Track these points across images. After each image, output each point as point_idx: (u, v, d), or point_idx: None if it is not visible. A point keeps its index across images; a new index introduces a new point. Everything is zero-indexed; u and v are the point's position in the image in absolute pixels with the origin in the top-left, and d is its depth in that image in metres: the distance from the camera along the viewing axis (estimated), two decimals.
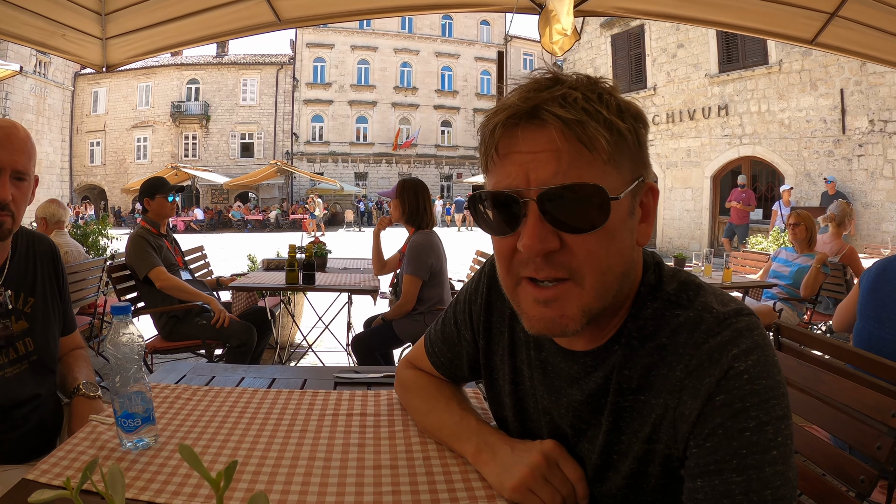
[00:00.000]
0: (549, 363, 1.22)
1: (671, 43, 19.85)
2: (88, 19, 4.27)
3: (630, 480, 1.09)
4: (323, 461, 1.35)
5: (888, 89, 13.83)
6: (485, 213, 1.06)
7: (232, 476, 0.70)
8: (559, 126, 0.94)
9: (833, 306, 6.28)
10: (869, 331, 2.93)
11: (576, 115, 0.94)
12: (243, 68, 45.74)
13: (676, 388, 1.00)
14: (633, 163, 1.02)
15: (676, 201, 20.10)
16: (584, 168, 0.96)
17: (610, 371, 1.10)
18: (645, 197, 1.07)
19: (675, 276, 1.12)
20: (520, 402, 1.31)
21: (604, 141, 0.94)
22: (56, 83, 34.38)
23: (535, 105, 0.96)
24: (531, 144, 0.97)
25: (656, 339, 1.05)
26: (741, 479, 0.90)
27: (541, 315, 1.03)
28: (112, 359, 1.37)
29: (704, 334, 0.99)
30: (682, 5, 4.62)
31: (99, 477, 1.16)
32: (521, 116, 0.97)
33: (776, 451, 0.91)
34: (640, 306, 1.09)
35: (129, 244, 4.53)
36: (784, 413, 0.94)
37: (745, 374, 0.94)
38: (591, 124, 0.94)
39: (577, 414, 1.16)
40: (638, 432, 1.07)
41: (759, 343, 0.97)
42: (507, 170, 1.00)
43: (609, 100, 0.98)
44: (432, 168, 48.60)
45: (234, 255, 16.53)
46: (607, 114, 0.95)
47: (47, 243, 2.17)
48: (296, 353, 6.55)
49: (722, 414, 0.93)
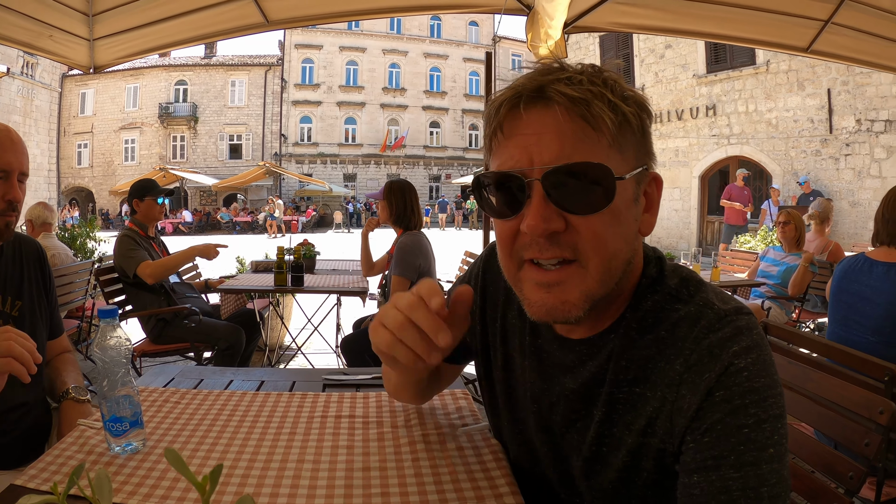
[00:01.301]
0: (545, 350, 1.21)
1: (659, 43, 19.90)
2: (75, 20, 4.24)
3: (622, 474, 1.08)
4: (312, 464, 1.35)
5: (875, 89, 13.92)
6: (488, 196, 1.06)
7: (217, 479, 0.70)
8: (564, 103, 0.95)
9: (821, 304, 6.32)
10: (838, 334, 2.97)
11: (581, 94, 0.95)
12: (231, 69, 45.59)
13: (675, 382, 1.00)
14: (638, 149, 1.03)
15: (665, 201, 19.98)
16: (589, 149, 0.96)
17: (605, 361, 1.09)
18: (649, 186, 1.08)
19: (677, 271, 1.12)
20: (510, 391, 1.31)
21: (608, 121, 0.95)
22: (43, 84, 34.12)
23: (541, 84, 0.97)
24: (536, 125, 0.98)
25: (655, 332, 1.05)
26: (738, 475, 0.89)
27: (542, 301, 1.03)
28: (100, 362, 1.37)
29: (705, 330, 0.99)
30: (675, 19, 4.63)
31: (86, 482, 1.15)
32: (527, 95, 0.98)
33: (773, 448, 0.91)
34: (641, 298, 1.09)
35: (116, 245, 4.53)
36: (781, 412, 0.94)
37: (744, 371, 0.94)
38: (596, 103, 0.95)
39: (569, 404, 1.15)
40: (631, 425, 1.06)
41: (758, 342, 0.98)
42: (511, 151, 1.00)
43: (614, 85, 0.98)
44: (421, 169, 48.52)
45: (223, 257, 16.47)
46: (612, 96, 0.96)
47: (34, 246, 2.16)
48: (285, 355, 6.54)
49: (721, 410, 0.93)
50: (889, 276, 2.76)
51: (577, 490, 1.17)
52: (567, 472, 1.19)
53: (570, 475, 1.18)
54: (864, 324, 2.81)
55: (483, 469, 1.33)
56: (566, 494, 1.20)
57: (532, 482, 1.29)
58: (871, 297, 2.80)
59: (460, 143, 49.63)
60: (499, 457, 1.39)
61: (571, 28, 4.46)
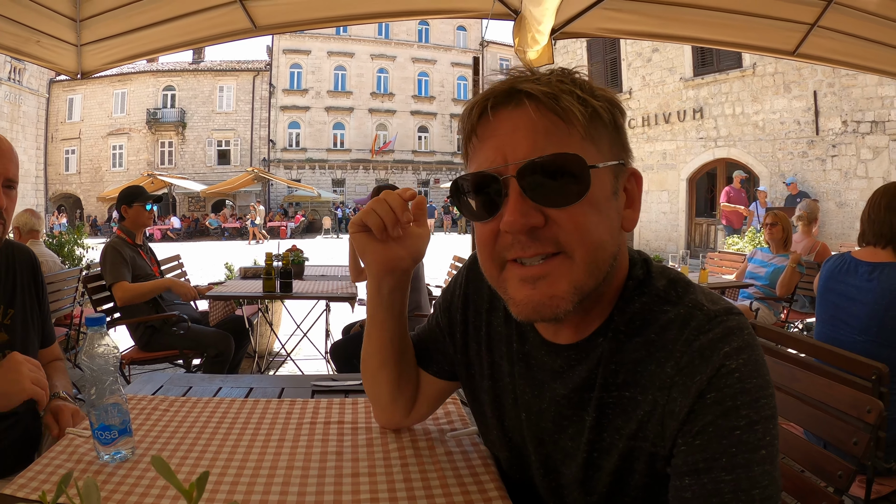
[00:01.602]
0: (533, 356, 1.20)
1: (646, 47, 19.97)
2: (63, 25, 4.23)
3: (615, 479, 1.08)
4: (301, 470, 1.34)
5: (860, 90, 14.02)
6: (466, 200, 1.06)
7: (204, 487, 0.70)
8: (534, 100, 0.97)
9: (809, 304, 6.36)
10: (826, 333, 2.98)
11: (549, 89, 0.96)
12: (219, 75, 45.51)
13: (666, 384, 0.99)
14: (612, 143, 1.03)
15: (653, 204, 20.22)
16: (562, 141, 0.97)
17: (595, 365, 1.09)
18: (628, 182, 1.08)
19: (664, 272, 1.11)
20: (497, 399, 1.29)
21: (578, 113, 0.96)
22: (31, 90, 33.94)
23: (511, 86, 0.99)
24: (508, 124, 0.99)
25: (644, 335, 1.05)
26: (730, 477, 0.89)
27: (528, 298, 1.02)
28: (87, 370, 1.36)
29: (695, 331, 0.99)
30: (662, 24, 4.64)
31: (75, 491, 1.15)
32: (499, 97, 1.00)
33: (765, 450, 0.90)
34: (628, 300, 1.08)
35: (102, 254, 4.51)
36: (772, 413, 0.94)
37: (736, 372, 0.93)
38: (565, 97, 0.96)
39: (560, 409, 1.14)
40: (622, 429, 1.05)
41: (750, 342, 0.97)
42: (486, 153, 1.01)
43: (583, 83, 1.00)
44: (409, 174, 48.54)
45: (211, 263, 16.42)
46: (580, 92, 0.98)
47: (27, 253, 2.14)
48: (274, 361, 6.51)
49: (712, 412, 0.93)
50: (874, 277, 2.77)
51: (569, 496, 1.17)
52: (559, 478, 1.18)
53: (563, 481, 1.17)
54: (851, 323, 2.82)
55: (472, 474, 1.33)
56: (556, 501, 1.20)
57: (521, 488, 1.28)
58: (856, 297, 2.82)
59: (449, 148, 49.65)
60: (488, 462, 1.39)
61: (559, 34, 4.47)
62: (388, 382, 1.46)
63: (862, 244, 2.97)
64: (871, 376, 2.04)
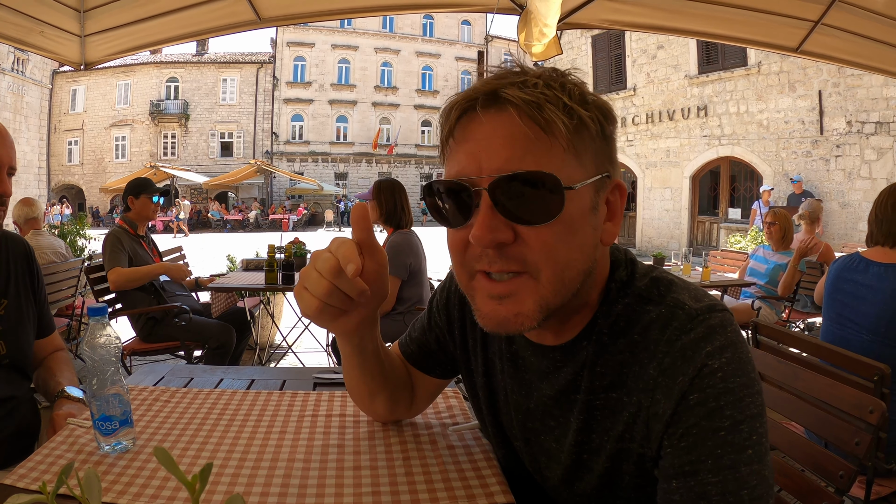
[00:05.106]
0: (520, 356, 1.20)
1: (651, 44, 19.96)
2: (67, 16, 4.22)
3: (604, 480, 1.07)
4: (302, 462, 1.34)
5: (865, 91, 13.99)
6: (439, 204, 1.02)
7: (207, 478, 0.69)
8: (515, 107, 0.91)
9: (811, 304, 6.35)
10: (833, 332, 2.98)
11: (533, 97, 0.91)
12: (223, 67, 45.45)
13: (649, 386, 0.98)
14: (598, 156, 0.98)
15: (656, 201, 20.23)
16: (541, 155, 0.92)
17: (580, 367, 1.08)
18: (611, 195, 1.04)
19: (648, 272, 1.09)
20: (492, 395, 1.30)
21: (562, 125, 0.91)
22: (34, 81, 33.99)
23: (494, 88, 0.94)
24: (486, 129, 0.94)
25: (628, 336, 1.03)
26: (717, 479, 0.88)
27: (494, 313, 0.99)
28: (89, 361, 1.36)
29: (677, 331, 0.97)
30: (667, 17, 4.63)
31: (76, 481, 1.14)
32: (480, 99, 0.95)
33: (751, 450, 0.89)
34: (611, 302, 1.06)
35: (104, 242, 4.51)
36: (759, 411, 0.92)
37: (718, 371, 0.92)
38: (549, 107, 0.91)
39: (547, 409, 1.14)
40: (609, 431, 1.05)
41: (733, 340, 0.95)
42: (461, 157, 0.97)
43: (572, 89, 0.95)
44: (412, 168, 48.47)
45: (214, 255, 16.43)
46: (567, 100, 0.92)
47: (21, 243, 2.13)
48: (276, 353, 6.53)
49: (696, 413, 0.92)
50: (886, 276, 2.76)
51: (559, 495, 1.17)
52: (545, 480, 1.19)
53: (549, 483, 1.18)
54: (860, 322, 2.81)
55: (474, 468, 1.33)
56: (551, 497, 1.20)
57: (521, 482, 1.28)
58: (866, 296, 2.81)
59: None
60: (489, 456, 1.39)
61: (562, 24, 4.43)
62: (383, 403, 1.45)
63: (870, 245, 2.96)
64: (874, 377, 2.04)
